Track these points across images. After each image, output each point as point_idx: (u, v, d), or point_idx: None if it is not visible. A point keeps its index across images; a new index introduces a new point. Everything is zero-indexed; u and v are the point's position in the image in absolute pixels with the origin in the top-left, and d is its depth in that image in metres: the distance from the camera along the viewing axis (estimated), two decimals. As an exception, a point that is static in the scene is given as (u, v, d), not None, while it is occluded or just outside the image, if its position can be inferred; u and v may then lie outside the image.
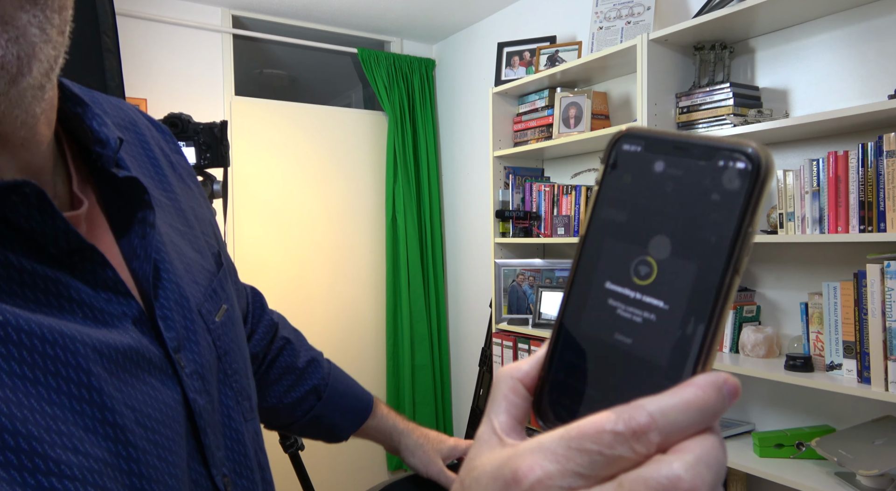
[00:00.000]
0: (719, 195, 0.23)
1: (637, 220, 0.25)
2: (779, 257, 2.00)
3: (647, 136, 0.25)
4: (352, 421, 0.88)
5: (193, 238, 0.55)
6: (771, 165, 0.22)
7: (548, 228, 2.63)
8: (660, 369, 0.23)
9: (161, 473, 0.39)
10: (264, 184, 3.18)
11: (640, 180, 0.25)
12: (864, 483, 1.55)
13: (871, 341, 1.55)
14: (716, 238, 0.23)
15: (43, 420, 0.32)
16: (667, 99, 2.10)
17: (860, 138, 1.75)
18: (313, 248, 3.33)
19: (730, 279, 0.22)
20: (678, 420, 0.22)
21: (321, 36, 3.38)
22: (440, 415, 3.52)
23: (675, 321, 0.23)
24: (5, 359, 0.32)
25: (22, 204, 0.35)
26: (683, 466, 0.21)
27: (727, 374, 0.23)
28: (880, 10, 1.74)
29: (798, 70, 1.94)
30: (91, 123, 0.45)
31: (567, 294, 0.27)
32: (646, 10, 2.28)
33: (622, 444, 0.21)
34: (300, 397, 0.84)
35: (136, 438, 0.37)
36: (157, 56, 2.92)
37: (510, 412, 0.26)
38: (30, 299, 0.35)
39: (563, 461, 0.22)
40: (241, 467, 0.50)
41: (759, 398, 2.04)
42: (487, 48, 3.28)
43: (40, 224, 0.36)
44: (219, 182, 1.59)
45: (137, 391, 0.39)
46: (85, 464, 0.33)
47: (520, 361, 0.28)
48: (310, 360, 0.87)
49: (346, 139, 3.46)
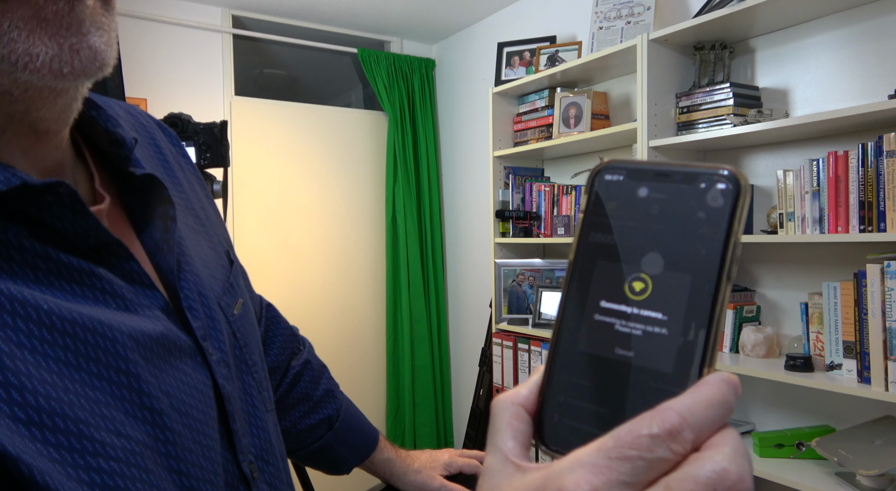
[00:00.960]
0: (705, 213, 0.25)
1: (626, 241, 0.26)
2: (779, 257, 2.00)
3: (628, 167, 0.27)
4: (357, 455, 0.90)
5: (206, 236, 0.57)
6: (747, 184, 0.25)
7: (548, 228, 2.63)
8: (666, 377, 0.24)
9: (196, 455, 0.41)
10: (264, 184, 3.18)
11: (625, 205, 0.27)
12: (864, 483, 1.55)
13: (871, 341, 1.55)
14: (707, 250, 0.25)
15: (87, 405, 0.34)
16: (667, 99, 2.10)
17: (860, 138, 1.75)
18: (313, 248, 3.33)
19: (724, 286, 0.24)
20: (705, 416, 0.23)
21: (321, 36, 3.38)
22: (440, 415, 3.52)
23: (677, 330, 0.25)
24: (51, 346, 0.34)
25: (56, 204, 0.37)
26: (726, 459, 0.22)
27: (726, 371, 0.24)
28: (880, 10, 1.74)
29: (798, 70, 1.94)
30: (106, 125, 0.47)
31: (560, 316, 0.28)
32: (646, 10, 2.28)
33: (660, 445, 0.22)
34: (313, 425, 0.86)
35: (173, 422, 0.39)
36: (157, 56, 2.92)
37: (517, 439, 0.26)
38: (67, 291, 0.37)
39: (607, 472, 0.22)
40: (266, 454, 0.52)
41: (759, 398, 2.04)
42: (487, 48, 3.28)
43: (72, 223, 0.38)
44: (219, 182, 1.59)
45: (171, 377, 0.41)
46: (127, 446, 0.35)
47: (517, 387, 0.28)
48: (326, 390, 0.89)
49: (346, 139, 3.46)
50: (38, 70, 0.35)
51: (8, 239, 0.35)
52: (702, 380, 0.24)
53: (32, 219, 0.37)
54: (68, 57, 0.35)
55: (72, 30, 0.35)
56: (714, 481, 0.21)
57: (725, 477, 0.21)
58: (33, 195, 0.36)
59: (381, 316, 3.52)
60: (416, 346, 3.45)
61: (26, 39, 0.34)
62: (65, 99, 0.39)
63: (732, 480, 0.21)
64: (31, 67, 0.34)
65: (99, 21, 0.37)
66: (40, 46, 0.34)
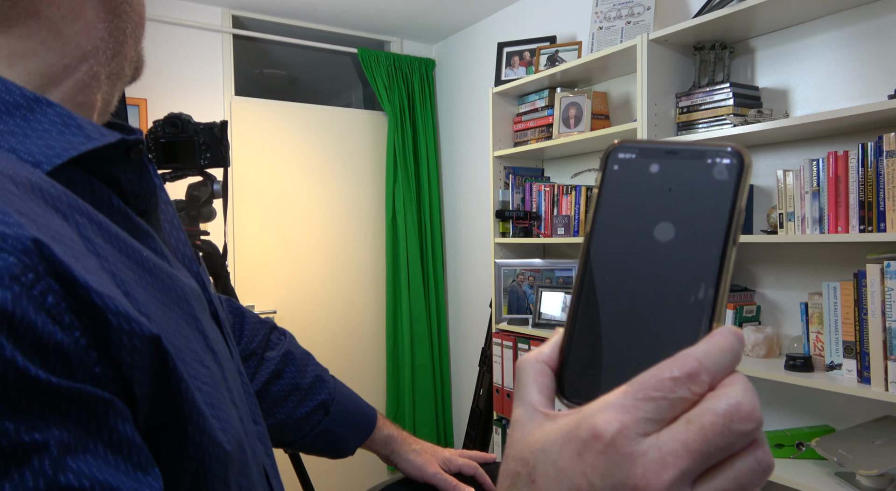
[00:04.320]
0: (711, 185, 0.28)
1: (639, 212, 0.29)
2: (779, 257, 2.00)
3: (640, 146, 0.30)
4: (358, 434, 0.91)
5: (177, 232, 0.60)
6: (750, 160, 0.28)
7: (548, 228, 2.63)
8: (679, 331, 0.27)
9: (235, 395, 0.45)
10: (264, 184, 3.18)
11: (638, 180, 0.29)
12: (864, 483, 1.55)
13: (871, 341, 1.55)
14: (714, 217, 0.28)
15: (182, 338, 0.38)
16: (667, 99, 2.10)
17: (860, 138, 1.75)
18: (313, 248, 3.33)
19: (730, 249, 0.27)
20: (719, 361, 0.26)
21: (321, 36, 3.38)
22: (440, 415, 3.52)
23: (689, 289, 0.27)
24: (153, 287, 0.37)
25: (132, 164, 0.41)
26: (740, 394, 0.25)
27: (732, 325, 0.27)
28: (880, 10, 1.74)
29: (798, 70, 1.94)
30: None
31: (580, 280, 0.30)
32: (646, 10, 2.28)
33: (681, 386, 0.25)
34: (308, 412, 0.87)
35: (223, 364, 0.44)
36: (157, 56, 2.93)
37: (543, 392, 0.29)
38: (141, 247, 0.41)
39: (634, 411, 0.25)
40: (256, 417, 0.55)
41: (759, 398, 2.04)
42: (487, 48, 3.28)
43: (137, 185, 0.42)
44: (219, 182, 1.59)
45: (210, 329, 0.45)
46: (209, 375, 0.39)
47: (540, 346, 0.31)
48: (315, 377, 0.90)
49: (346, 139, 3.46)
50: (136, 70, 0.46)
51: (102, 195, 0.39)
52: (713, 331, 0.27)
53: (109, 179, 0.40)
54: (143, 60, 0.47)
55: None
56: (730, 413, 0.24)
57: (740, 409, 0.24)
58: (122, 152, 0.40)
59: (381, 316, 3.52)
60: (416, 345, 3.45)
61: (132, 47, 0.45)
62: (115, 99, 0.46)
63: (746, 410, 0.24)
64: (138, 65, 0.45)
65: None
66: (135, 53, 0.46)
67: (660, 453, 0.24)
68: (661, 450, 0.24)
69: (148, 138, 1.47)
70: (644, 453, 0.24)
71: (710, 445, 0.24)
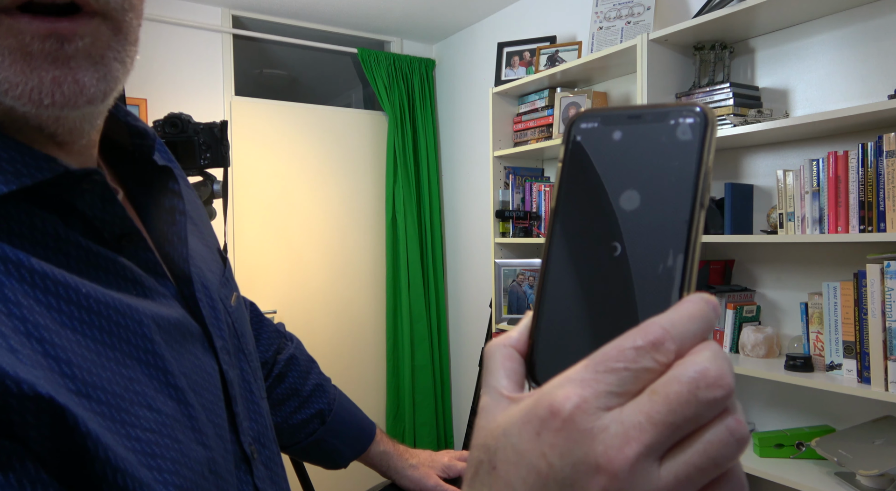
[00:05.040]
0: (675, 147, 0.27)
1: (604, 182, 0.28)
2: (779, 257, 2.00)
3: (602, 114, 0.29)
4: (353, 447, 0.91)
5: (200, 234, 0.59)
6: (714, 117, 0.27)
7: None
8: (648, 303, 0.26)
9: (212, 433, 0.43)
10: (264, 184, 3.18)
11: (601, 149, 0.28)
12: (864, 483, 1.55)
13: (871, 341, 1.55)
14: (679, 181, 0.26)
15: (122, 381, 0.36)
16: (667, 99, 2.10)
17: (860, 138, 1.75)
18: (313, 248, 3.33)
19: (698, 213, 0.26)
20: (686, 329, 0.24)
21: (321, 36, 3.38)
22: (440, 415, 3.52)
23: (657, 257, 0.26)
24: (89, 327, 0.36)
25: (89, 192, 0.40)
26: (707, 360, 0.23)
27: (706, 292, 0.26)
28: (880, 10, 1.74)
29: (798, 70, 1.94)
30: (126, 119, 0.50)
31: (546, 260, 0.29)
32: (646, 10, 2.28)
33: (644, 356, 0.23)
34: (305, 420, 0.87)
35: (192, 400, 0.42)
36: (157, 56, 2.92)
37: (510, 377, 0.27)
38: (94, 277, 0.39)
39: (594, 384, 0.23)
40: (263, 438, 0.54)
41: (759, 398, 2.04)
42: (487, 48, 3.28)
43: (102, 211, 0.41)
44: (219, 182, 1.59)
45: (187, 360, 0.44)
46: (159, 419, 0.38)
47: (508, 331, 0.29)
48: (316, 385, 0.90)
49: (346, 139, 3.46)
50: (18, 98, 0.36)
51: (45, 227, 0.37)
52: (682, 299, 0.25)
53: (65, 207, 0.39)
54: (49, 89, 0.36)
55: (57, 64, 0.36)
56: (696, 380, 0.22)
57: (706, 375, 0.22)
58: (71, 183, 0.39)
59: (381, 316, 3.52)
60: (416, 345, 3.45)
61: (8, 68, 0.35)
62: (68, 122, 0.40)
63: (713, 376, 0.22)
64: (11, 94, 0.36)
65: (98, 55, 0.38)
66: (20, 76, 0.35)
67: (622, 428, 0.22)
68: (623, 424, 0.22)
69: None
70: (605, 429, 0.23)
71: (675, 415, 0.22)
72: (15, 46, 0.35)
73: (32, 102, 0.36)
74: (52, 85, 0.36)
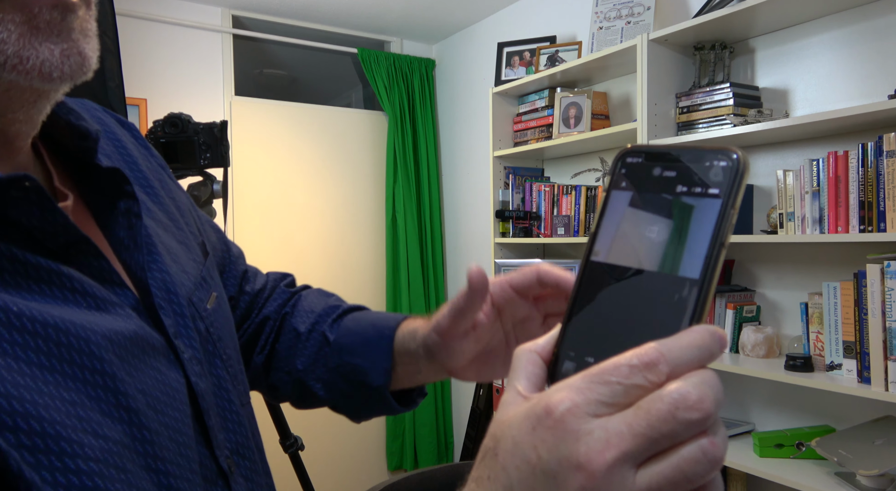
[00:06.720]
0: (706, 187, 0.29)
1: (640, 214, 0.31)
2: (779, 257, 2.00)
3: (648, 150, 0.32)
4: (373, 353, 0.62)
5: (177, 229, 0.55)
6: (747, 163, 0.29)
7: (548, 228, 2.63)
8: (660, 329, 0.28)
9: (173, 453, 0.40)
10: (264, 184, 3.18)
11: (641, 182, 0.31)
12: (864, 483, 1.55)
13: (871, 341, 1.55)
14: (703, 219, 0.29)
15: (62, 406, 0.33)
16: (667, 99, 2.10)
17: (860, 138, 1.75)
18: (313, 248, 3.33)
19: (717, 251, 0.28)
20: (682, 355, 0.26)
21: (321, 36, 3.38)
22: (440, 415, 3.52)
23: (674, 287, 0.29)
24: (23, 349, 0.33)
25: (22, 200, 0.36)
26: (691, 385, 0.25)
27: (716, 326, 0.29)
28: (880, 10, 1.74)
29: (798, 70, 1.94)
30: (68, 118, 0.46)
31: (579, 277, 0.32)
32: (646, 10, 2.28)
33: (637, 374, 0.26)
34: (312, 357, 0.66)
35: (149, 421, 0.39)
36: (157, 56, 2.92)
37: (530, 379, 0.30)
38: (36, 292, 0.36)
39: (587, 392, 0.26)
40: (242, 449, 0.51)
41: (759, 398, 2.04)
42: (487, 48, 3.28)
43: (40, 220, 0.38)
44: (219, 182, 1.59)
45: (146, 376, 0.41)
46: (105, 446, 0.35)
47: (537, 338, 0.32)
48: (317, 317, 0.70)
49: (346, 139, 3.46)
50: (27, 71, 0.36)
51: None
52: (690, 328, 0.27)
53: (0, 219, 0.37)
54: (59, 61, 0.37)
55: (62, 36, 0.37)
56: (676, 401, 0.25)
57: (687, 398, 0.25)
58: None
59: (381, 316, 3.52)
60: (416, 346, 3.44)
61: (16, 42, 0.35)
62: (43, 102, 0.40)
63: (693, 400, 0.25)
64: (19, 69, 0.35)
65: (86, 28, 0.39)
66: (31, 50, 0.36)
67: (605, 434, 0.25)
68: (607, 430, 0.25)
69: (148, 138, 1.47)
70: (590, 432, 0.25)
71: (654, 430, 0.25)
72: (22, 20, 0.35)
73: (42, 76, 0.36)
74: (61, 58, 0.37)
